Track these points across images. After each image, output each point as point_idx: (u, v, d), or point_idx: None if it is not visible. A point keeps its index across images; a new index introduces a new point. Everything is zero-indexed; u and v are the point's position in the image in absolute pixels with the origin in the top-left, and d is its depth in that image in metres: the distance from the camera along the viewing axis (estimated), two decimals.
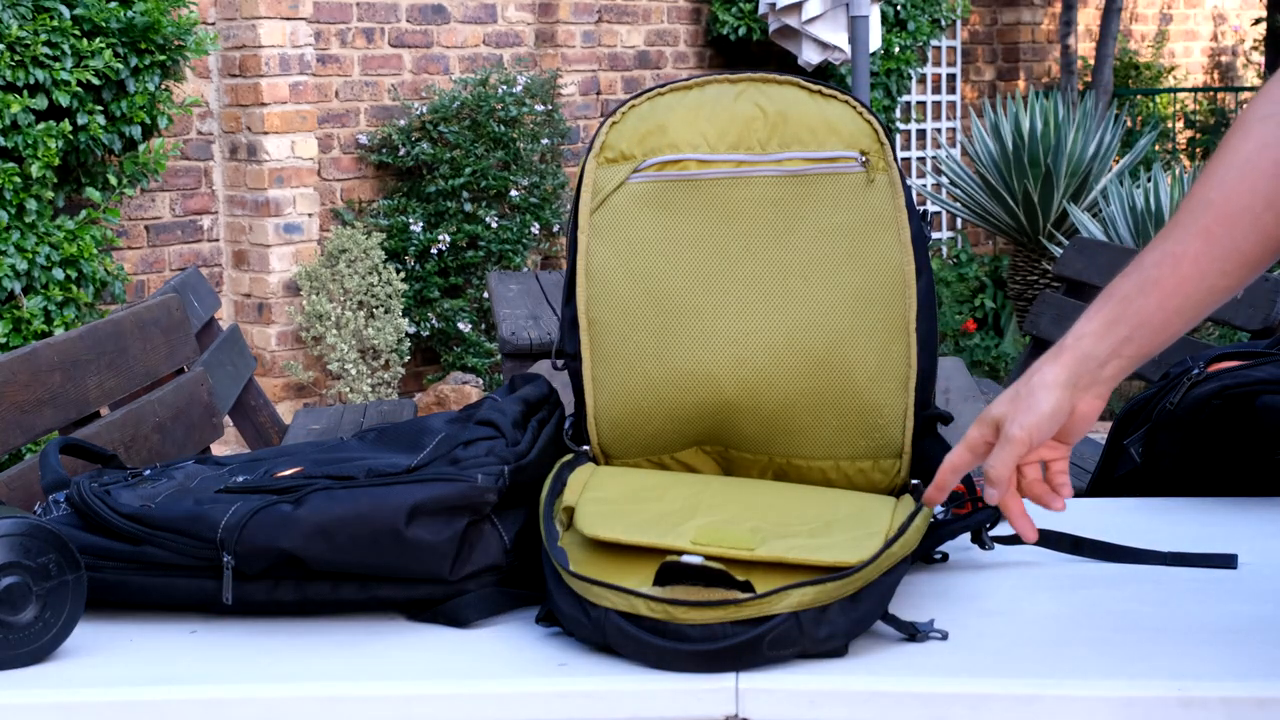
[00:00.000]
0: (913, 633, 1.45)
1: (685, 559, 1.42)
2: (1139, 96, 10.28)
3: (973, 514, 1.67)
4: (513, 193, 6.97)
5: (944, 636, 1.46)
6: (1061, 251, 5.89)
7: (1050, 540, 1.69)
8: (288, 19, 6.45)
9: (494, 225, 6.92)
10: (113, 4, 5.26)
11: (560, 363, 1.72)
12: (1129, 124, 9.69)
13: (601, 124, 1.69)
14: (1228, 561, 1.65)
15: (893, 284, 1.65)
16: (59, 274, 5.16)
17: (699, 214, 1.67)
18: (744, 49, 8.26)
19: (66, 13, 5.12)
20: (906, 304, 1.66)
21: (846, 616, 1.41)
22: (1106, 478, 2.07)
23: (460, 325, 6.93)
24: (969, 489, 1.73)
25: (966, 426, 1.51)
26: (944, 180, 8.39)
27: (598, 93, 7.72)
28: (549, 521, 1.55)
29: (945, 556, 1.69)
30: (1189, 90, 10.51)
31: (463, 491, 1.52)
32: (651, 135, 1.68)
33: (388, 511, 1.50)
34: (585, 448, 1.71)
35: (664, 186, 1.68)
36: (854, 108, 1.68)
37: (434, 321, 6.96)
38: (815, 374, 1.65)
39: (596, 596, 1.42)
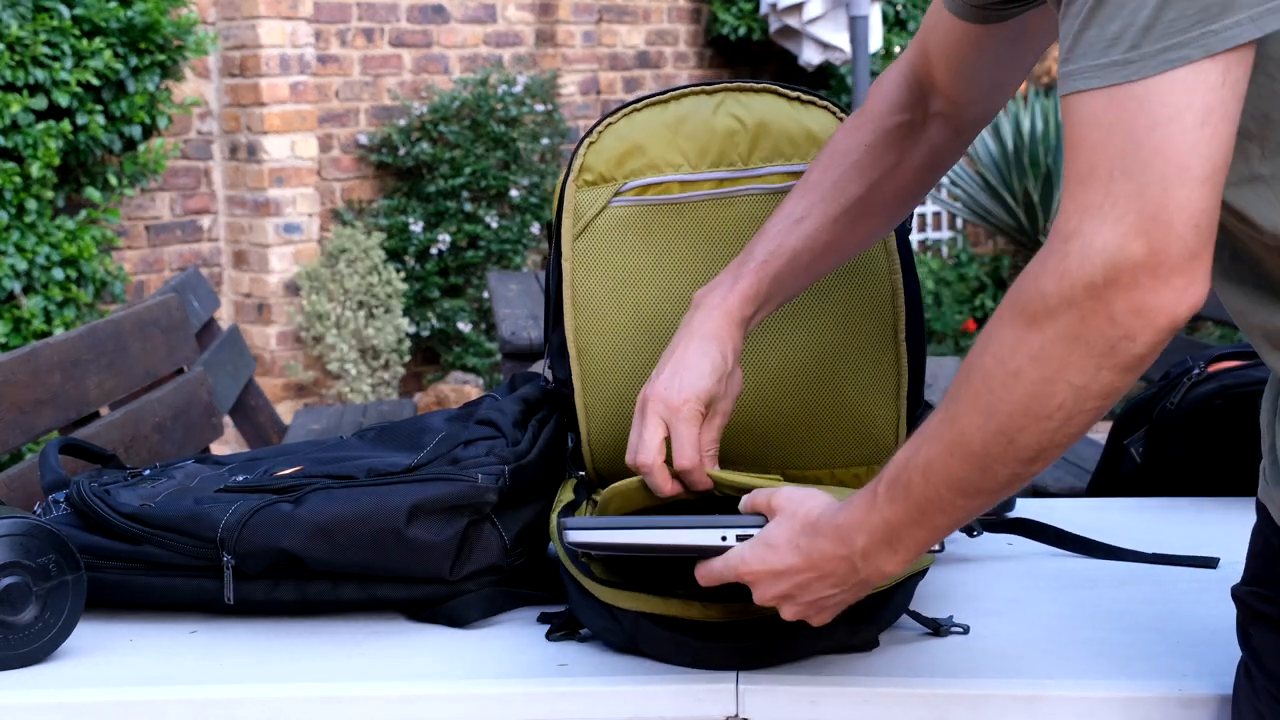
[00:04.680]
0: (936, 628, 1.46)
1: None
2: None
3: None
4: (513, 193, 6.97)
5: (965, 630, 1.47)
6: None
7: (1031, 530, 1.71)
8: (288, 19, 6.45)
9: (494, 225, 6.92)
10: (113, 4, 5.26)
11: (552, 385, 1.71)
12: None
13: (579, 145, 1.66)
14: (1208, 563, 1.65)
15: (880, 295, 1.65)
16: (59, 274, 5.16)
17: (684, 237, 1.65)
18: (744, 49, 8.25)
19: (66, 13, 5.12)
20: (895, 313, 1.66)
21: (877, 612, 1.41)
22: (1107, 478, 2.08)
23: (460, 325, 6.93)
24: None
25: None
26: (944, 180, 8.39)
27: (598, 92, 7.72)
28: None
29: (941, 547, 1.68)
30: None
31: (463, 491, 1.52)
32: (630, 156, 1.66)
33: (388, 511, 1.50)
34: (582, 472, 1.70)
35: (647, 210, 1.66)
36: (834, 113, 1.67)
37: (434, 321, 6.96)
38: (808, 391, 1.65)
39: (627, 601, 1.41)
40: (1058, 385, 1.07)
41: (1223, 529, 1.79)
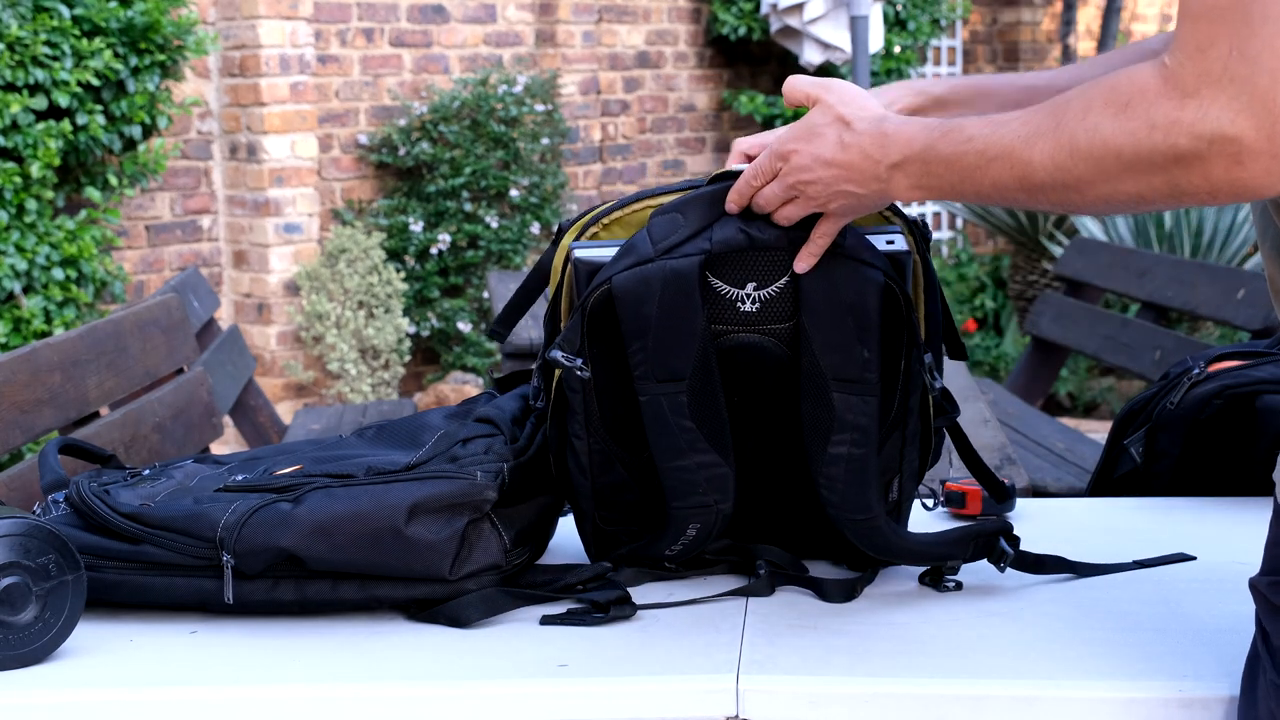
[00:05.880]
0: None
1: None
2: None
3: (980, 523, 1.65)
4: (513, 192, 6.97)
5: (958, 587, 1.56)
6: (1062, 251, 5.88)
7: (1055, 566, 1.66)
8: (288, 19, 6.45)
9: (494, 225, 6.92)
10: (113, 4, 5.25)
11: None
12: None
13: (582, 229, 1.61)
14: (1185, 558, 1.66)
15: None
16: (59, 274, 5.15)
17: None
18: (744, 49, 8.25)
19: (66, 13, 5.12)
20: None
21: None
22: (1106, 478, 2.08)
23: (460, 325, 6.93)
24: (993, 484, 1.72)
25: (968, 425, 1.51)
26: None
27: (598, 92, 7.72)
28: None
29: (959, 585, 1.63)
30: None
31: (462, 489, 1.52)
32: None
33: (387, 510, 1.50)
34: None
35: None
36: None
37: (434, 321, 6.96)
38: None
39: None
40: (1129, 189, 1.19)
41: (1223, 529, 1.79)
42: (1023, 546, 1.65)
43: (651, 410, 1.50)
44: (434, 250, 6.87)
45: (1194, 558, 1.67)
